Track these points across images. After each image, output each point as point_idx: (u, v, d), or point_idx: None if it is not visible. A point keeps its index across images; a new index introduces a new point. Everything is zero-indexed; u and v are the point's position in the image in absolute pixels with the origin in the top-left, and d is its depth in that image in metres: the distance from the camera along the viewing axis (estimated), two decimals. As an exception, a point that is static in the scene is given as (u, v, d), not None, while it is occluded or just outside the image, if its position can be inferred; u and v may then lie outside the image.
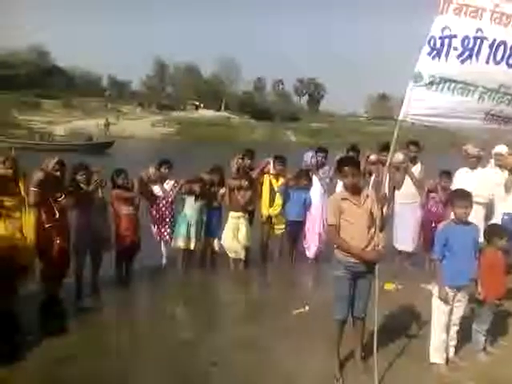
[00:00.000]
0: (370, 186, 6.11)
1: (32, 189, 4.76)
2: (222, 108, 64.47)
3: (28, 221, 4.73)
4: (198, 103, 63.69)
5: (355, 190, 3.79)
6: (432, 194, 6.67)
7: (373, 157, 6.50)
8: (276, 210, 6.85)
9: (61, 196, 5.00)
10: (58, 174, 5.03)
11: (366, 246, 3.70)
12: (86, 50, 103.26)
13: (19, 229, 4.69)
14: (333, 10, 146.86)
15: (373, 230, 3.75)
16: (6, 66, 52.25)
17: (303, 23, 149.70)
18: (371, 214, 3.76)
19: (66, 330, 4.56)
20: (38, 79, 53.26)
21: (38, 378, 3.71)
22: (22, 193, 4.76)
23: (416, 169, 6.65)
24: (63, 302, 5.21)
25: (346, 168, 3.76)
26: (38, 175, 4.80)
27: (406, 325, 4.81)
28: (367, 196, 3.81)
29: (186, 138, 44.72)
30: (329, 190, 6.82)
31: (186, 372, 3.86)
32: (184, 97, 63.55)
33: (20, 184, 4.78)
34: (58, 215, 4.95)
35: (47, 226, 4.89)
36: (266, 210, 6.87)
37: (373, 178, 6.46)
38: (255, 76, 77.29)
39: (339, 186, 6.10)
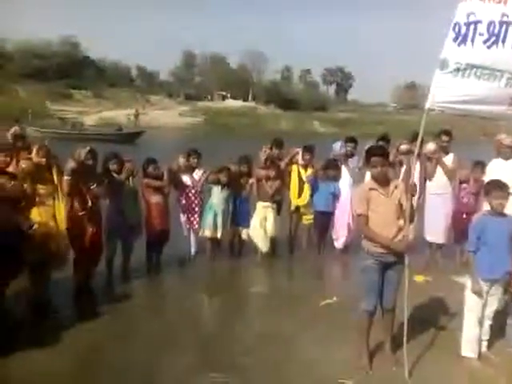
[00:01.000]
0: (401, 177, 6.02)
1: (65, 177, 4.87)
2: (250, 98, 64.37)
3: (61, 209, 4.83)
4: (225, 93, 63.78)
5: (383, 181, 3.73)
6: (464, 185, 6.52)
7: (404, 147, 6.38)
8: (304, 200, 6.82)
9: (93, 184, 5.11)
10: (90, 162, 5.12)
11: (395, 237, 3.65)
12: (115, 41, 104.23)
13: (52, 217, 4.79)
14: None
15: (401, 220, 3.69)
16: (38, 57, 53.47)
17: (330, 16, 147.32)
18: (400, 204, 3.70)
19: (97, 317, 4.66)
20: (69, 70, 54.26)
21: (70, 363, 3.79)
22: (55, 181, 4.86)
23: (448, 159, 6.50)
24: (94, 290, 5.33)
25: (375, 158, 3.71)
26: (71, 164, 4.90)
27: (436, 317, 4.75)
28: (396, 187, 3.75)
29: (214, 127, 44.90)
30: (358, 180, 6.74)
31: (213, 361, 3.89)
32: (211, 87, 63.72)
33: (53, 173, 4.88)
34: (90, 203, 5.05)
35: (80, 214, 5.00)
36: (294, 200, 6.85)
37: (404, 168, 6.35)
38: (282, 65, 76.78)
39: (368, 176, 6.02)
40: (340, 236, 6.94)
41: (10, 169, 4.78)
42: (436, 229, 6.57)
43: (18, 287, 4.69)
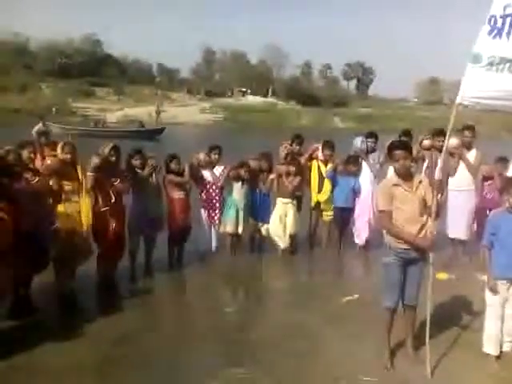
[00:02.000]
0: (423, 172, 5.95)
1: (89, 173, 4.96)
2: (269, 94, 64.27)
3: (85, 205, 4.92)
4: (245, 89, 63.81)
5: (407, 176, 3.70)
6: (487, 181, 6.41)
7: (426, 142, 6.31)
8: (324, 195, 6.80)
9: (116, 180, 5.19)
10: (114, 159, 5.21)
11: (418, 233, 3.61)
12: (137, 39, 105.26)
13: (77, 212, 4.89)
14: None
15: (425, 217, 3.66)
16: (62, 55, 54.40)
17: (352, 12, 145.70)
18: (424, 200, 3.66)
19: (119, 311, 4.73)
20: (91, 68, 55.07)
21: (93, 356, 3.85)
22: (80, 177, 4.96)
23: (471, 155, 6.39)
24: (117, 284, 5.41)
25: (398, 152, 3.66)
26: (95, 160, 4.99)
27: (458, 315, 4.69)
28: (420, 182, 3.70)
29: (234, 124, 45.03)
30: (379, 176, 6.69)
31: (235, 356, 3.92)
32: (231, 83, 63.82)
33: (78, 169, 4.98)
34: (113, 199, 5.14)
35: (103, 209, 5.09)
36: (314, 196, 6.84)
37: (426, 163, 6.29)
38: (303, 61, 76.31)
39: (390, 172, 5.98)
40: (360, 232, 6.91)
41: (35, 165, 4.88)
42: (459, 225, 6.48)
43: (44, 280, 4.81)
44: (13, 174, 4.35)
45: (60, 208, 4.80)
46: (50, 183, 4.75)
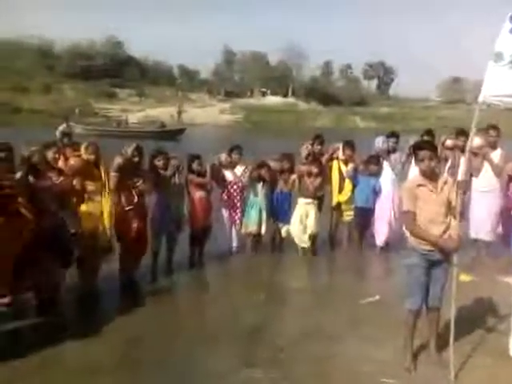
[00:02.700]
0: (446, 172, 5.87)
1: (112, 173, 5.03)
2: (289, 94, 64.15)
3: (108, 204, 4.98)
4: (264, 90, 63.83)
5: (432, 176, 3.64)
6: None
7: (449, 142, 6.22)
8: (345, 196, 6.76)
9: (139, 180, 5.26)
10: (137, 159, 5.27)
11: (442, 234, 3.56)
12: (157, 41, 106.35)
13: (100, 212, 4.95)
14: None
15: (449, 218, 3.61)
16: (84, 57, 55.32)
17: (374, 14, 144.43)
18: (448, 201, 3.61)
19: (141, 310, 4.76)
20: (113, 70, 55.84)
21: (114, 354, 3.90)
22: (103, 177, 5.03)
23: (496, 154, 6.27)
24: (139, 283, 5.46)
25: (423, 152, 3.61)
26: (118, 161, 5.06)
27: (482, 318, 4.60)
28: (445, 182, 3.65)
29: (253, 124, 45.10)
30: (400, 176, 6.62)
31: (254, 356, 3.91)
32: (251, 84, 63.92)
33: (101, 169, 5.06)
34: (136, 199, 5.20)
35: (126, 209, 5.16)
36: (335, 196, 6.81)
37: (448, 163, 6.20)
38: (323, 61, 75.93)
39: (412, 172, 5.91)
40: (381, 233, 6.84)
41: (58, 165, 4.97)
42: (483, 226, 6.36)
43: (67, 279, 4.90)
44: (38, 174, 4.45)
45: (83, 207, 4.88)
46: (74, 183, 4.85)
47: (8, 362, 3.61)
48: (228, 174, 6.48)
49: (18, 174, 4.26)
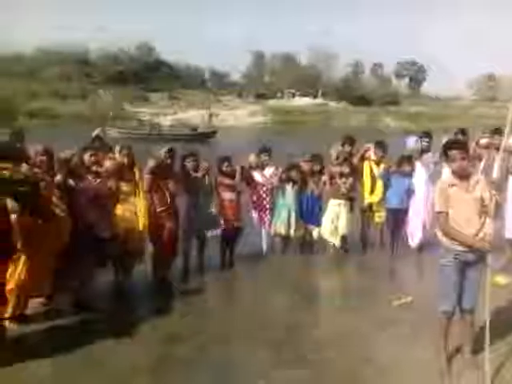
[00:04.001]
0: (480, 172, 5.74)
1: (146, 175, 5.16)
2: (319, 95, 63.77)
3: (141, 205, 5.10)
4: (294, 91, 63.66)
5: (464, 176, 3.59)
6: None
7: (483, 141, 6.07)
8: (377, 197, 6.70)
9: (171, 182, 5.36)
10: (169, 161, 5.38)
11: (476, 235, 3.50)
12: (188, 44, 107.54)
13: (134, 213, 5.07)
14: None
15: (483, 218, 3.54)
16: (117, 62, 56.60)
17: (405, 13, 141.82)
18: (481, 201, 3.54)
19: (173, 310, 4.85)
20: (145, 74, 56.88)
21: (147, 354, 3.97)
22: (137, 179, 5.16)
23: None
24: (171, 283, 5.55)
25: (454, 152, 3.57)
26: (151, 163, 5.18)
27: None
28: (477, 182, 3.59)
29: (284, 126, 44.97)
30: (433, 176, 6.51)
31: (286, 357, 3.93)
32: (281, 85, 63.86)
33: (135, 171, 5.19)
34: (168, 200, 5.31)
35: (159, 210, 5.27)
36: (366, 197, 6.75)
37: (483, 163, 6.05)
38: (353, 61, 75.09)
39: (445, 172, 5.81)
40: (415, 234, 6.74)
41: (94, 168, 5.12)
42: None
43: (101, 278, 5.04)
44: (76, 177, 4.61)
45: (118, 209, 5.01)
46: (109, 185, 4.99)
47: (44, 361, 3.72)
48: (257, 176, 6.52)
49: (58, 177, 4.43)
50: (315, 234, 6.65)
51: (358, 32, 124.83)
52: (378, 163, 6.71)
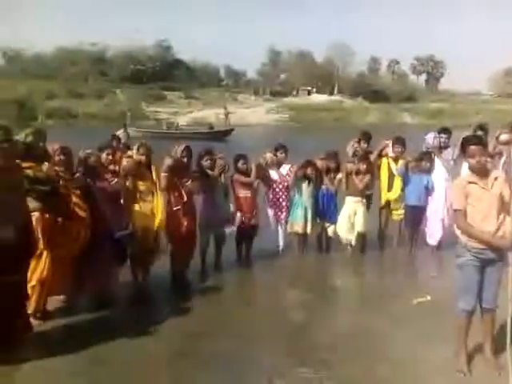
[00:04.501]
0: (500, 168, 5.64)
1: (163, 174, 5.19)
2: (335, 92, 63.40)
3: (159, 204, 5.13)
4: (310, 88, 63.39)
5: (482, 172, 3.53)
6: None
7: (504, 136, 5.95)
8: (395, 194, 6.63)
9: (188, 180, 5.39)
10: (186, 159, 5.40)
11: (496, 232, 3.44)
12: (204, 43, 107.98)
13: (151, 211, 5.11)
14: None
15: (503, 215, 3.47)
16: (135, 62, 57.09)
17: (424, 7, 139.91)
18: (501, 198, 3.48)
19: (191, 307, 4.86)
20: (162, 73, 57.25)
21: (165, 351, 4.00)
22: (154, 178, 5.19)
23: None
24: (189, 281, 5.56)
25: (473, 147, 3.51)
26: (168, 161, 5.21)
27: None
28: (496, 178, 3.52)
29: (300, 123, 44.84)
30: (452, 173, 6.42)
31: (303, 355, 3.92)
32: (297, 82, 63.65)
33: (152, 169, 5.22)
34: (185, 198, 5.34)
35: (176, 208, 5.30)
36: (384, 194, 6.69)
37: (503, 159, 5.94)
38: (369, 57, 74.43)
39: (464, 169, 5.73)
40: (433, 231, 6.65)
41: (111, 167, 5.17)
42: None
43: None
44: (94, 176, 4.66)
45: (135, 207, 5.05)
46: (127, 183, 5.04)
47: (63, 357, 3.77)
48: (273, 174, 6.50)
49: (77, 176, 4.49)
50: (331, 231, 6.62)
51: (374, 27, 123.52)
52: (396, 160, 6.64)
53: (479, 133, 6.14)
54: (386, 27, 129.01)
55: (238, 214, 6.03)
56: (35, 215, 3.99)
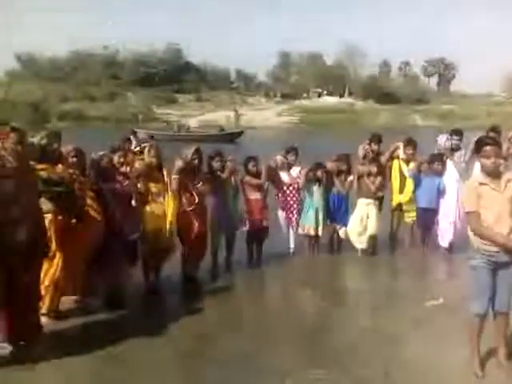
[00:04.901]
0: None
1: (174, 176, 5.21)
2: (346, 94, 63.23)
3: (170, 205, 5.15)
4: (321, 90, 63.30)
5: (495, 174, 3.49)
6: None
7: (517, 138, 5.91)
8: (406, 196, 6.59)
9: (199, 182, 5.41)
10: (196, 161, 5.43)
11: (508, 235, 3.40)
12: (215, 46, 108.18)
13: (163, 213, 5.13)
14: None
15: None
16: (146, 65, 57.52)
17: (436, 9, 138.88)
18: (514, 199, 3.45)
19: (202, 308, 4.87)
20: (173, 76, 57.60)
21: (176, 352, 4.02)
22: (165, 179, 5.22)
23: None
24: (200, 282, 5.58)
25: (489, 148, 3.46)
26: (179, 163, 5.24)
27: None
28: (509, 180, 3.49)
29: (310, 125, 44.80)
30: (464, 175, 6.37)
31: (315, 356, 3.92)
32: (307, 85, 63.60)
33: (163, 171, 5.25)
34: (196, 200, 5.36)
35: (187, 210, 5.32)
36: (395, 196, 6.66)
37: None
38: (380, 59, 74.13)
39: (476, 171, 5.68)
40: (445, 234, 6.60)
41: (122, 169, 5.22)
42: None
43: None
44: (107, 178, 4.70)
45: (147, 209, 5.08)
46: (138, 185, 5.07)
47: (74, 357, 3.80)
48: (284, 176, 6.50)
49: (90, 178, 4.53)
50: (342, 233, 6.60)
51: (385, 30, 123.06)
52: (407, 162, 6.61)
53: (491, 134, 6.08)
54: (397, 28, 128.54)
55: (249, 216, 6.04)
56: (48, 217, 4.04)
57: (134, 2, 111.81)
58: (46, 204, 3.95)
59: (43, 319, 4.09)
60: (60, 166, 4.08)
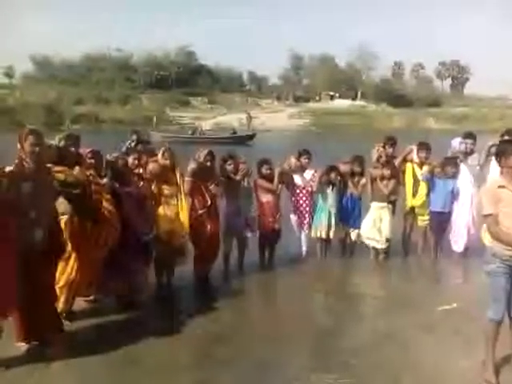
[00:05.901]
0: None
1: (187, 178, 5.25)
2: (358, 97, 62.96)
3: (183, 208, 5.19)
4: (333, 93, 63.13)
5: None
6: None
7: (533, 142, 5.82)
8: (420, 200, 6.55)
9: (212, 184, 5.44)
10: (209, 164, 5.46)
11: (526, 239, 3.37)
12: (228, 49, 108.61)
13: (176, 215, 5.16)
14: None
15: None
16: (160, 68, 57.92)
17: (448, 12, 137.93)
18: (533, 203, 3.40)
19: (214, 310, 4.88)
20: (186, 79, 57.91)
21: (188, 353, 4.05)
22: (178, 182, 5.26)
23: None
24: (212, 284, 5.60)
25: (511, 149, 3.45)
26: (192, 166, 5.28)
27: None
28: (528, 184, 3.46)
29: (322, 128, 44.65)
30: (478, 179, 6.32)
31: (325, 360, 3.91)
32: (319, 88, 63.47)
33: (177, 173, 5.29)
34: (209, 202, 5.39)
35: (200, 212, 5.35)
36: (409, 200, 6.62)
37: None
38: (393, 61, 73.79)
39: (492, 173, 5.63)
40: (459, 238, 6.54)
41: (137, 171, 5.26)
42: None
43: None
44: (122, 179, 4.75)
45: (160, 211, 5.12)
46: (152, 187, 5.11)
47: (88, 357, 3.84)
48: (297, 179, 6.50)
49: (106, 180, 4.58)
50: (354, 235, 6.58)
51: (398, 33, 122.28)
52: (420, 165, 6.57)
53: (507, 138, 6.03)
54: (410, 31, 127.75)
55: (261, 219, 6.05)
56: (64, 218, 4.10)
57: (149, 6, 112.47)
58: (61, 205, 4.00)
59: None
60: (77, 168, 4.12)
